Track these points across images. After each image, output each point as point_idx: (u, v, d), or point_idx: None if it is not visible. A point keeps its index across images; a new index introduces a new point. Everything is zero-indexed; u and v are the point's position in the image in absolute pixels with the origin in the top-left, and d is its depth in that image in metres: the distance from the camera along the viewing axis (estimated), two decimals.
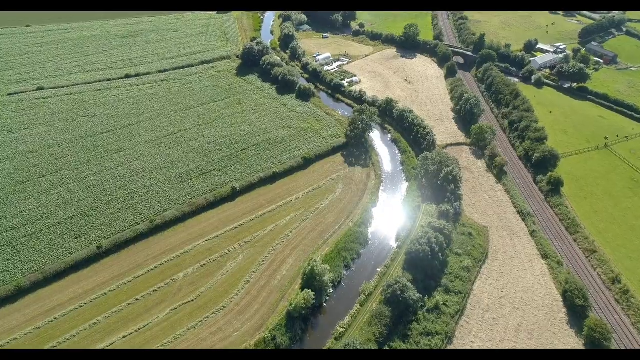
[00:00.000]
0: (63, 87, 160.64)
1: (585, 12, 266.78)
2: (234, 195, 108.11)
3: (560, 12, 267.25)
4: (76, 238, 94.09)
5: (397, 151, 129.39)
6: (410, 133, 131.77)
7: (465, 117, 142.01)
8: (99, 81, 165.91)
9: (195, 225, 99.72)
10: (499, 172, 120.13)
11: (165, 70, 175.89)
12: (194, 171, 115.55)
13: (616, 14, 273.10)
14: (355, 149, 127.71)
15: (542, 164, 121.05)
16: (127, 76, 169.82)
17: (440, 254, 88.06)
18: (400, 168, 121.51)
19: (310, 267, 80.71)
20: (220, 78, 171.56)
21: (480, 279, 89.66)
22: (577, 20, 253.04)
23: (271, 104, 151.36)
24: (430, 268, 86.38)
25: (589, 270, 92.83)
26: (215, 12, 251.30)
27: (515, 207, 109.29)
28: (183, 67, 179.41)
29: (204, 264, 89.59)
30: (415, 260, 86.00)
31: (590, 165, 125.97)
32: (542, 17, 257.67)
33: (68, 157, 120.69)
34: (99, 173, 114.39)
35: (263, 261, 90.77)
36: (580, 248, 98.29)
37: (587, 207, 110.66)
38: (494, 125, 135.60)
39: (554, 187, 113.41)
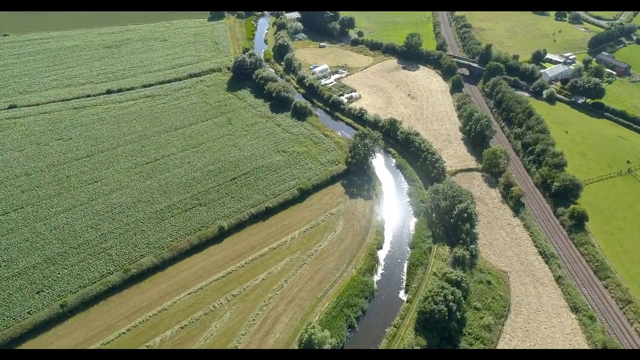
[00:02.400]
0: (38, 104, 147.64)
1: (592, 19, 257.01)
2: (221, 235, 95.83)
3: (566, 19, 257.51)
4: (37, 293, 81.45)
5: (403, 179, 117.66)
6: (416, 158, 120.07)
7: (475, 138, 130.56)
8: (78, 98, 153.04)
9: (176, 274, 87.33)
10: (515, 203, 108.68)
11: (150, 85, 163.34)
12: (177, 206, 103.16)
13: (623, 18, 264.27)
14: (356, 177, 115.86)
15: (562, 194, 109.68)
16: (109, 92, 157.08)
17: (457, 312, 76.41)
18: (407, 200, 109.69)
19: (307, 335, 68.77)
20: (210, 93, 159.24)
21: (503, 340, 77.97)
22: (585, 28, 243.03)
23: (264, 124, 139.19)
24: (447, 329, 74.72)
25: (625, 326, 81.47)
26: (206, 19, 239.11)
27: (536, 247, 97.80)
28: (170, 81, 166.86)
29: (185, 325, 77.28)
30: (430, 321, 74.27)
31: (615, 194, 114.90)
32: (548, 25, 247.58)
33: (36, 190, 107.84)
34: (69, 209, 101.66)
35: (253, 320, 78.61)
36: (612, 297, 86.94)
37: (616, 245, 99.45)
38: (507, 149, 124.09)
39: (578, 222, 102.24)
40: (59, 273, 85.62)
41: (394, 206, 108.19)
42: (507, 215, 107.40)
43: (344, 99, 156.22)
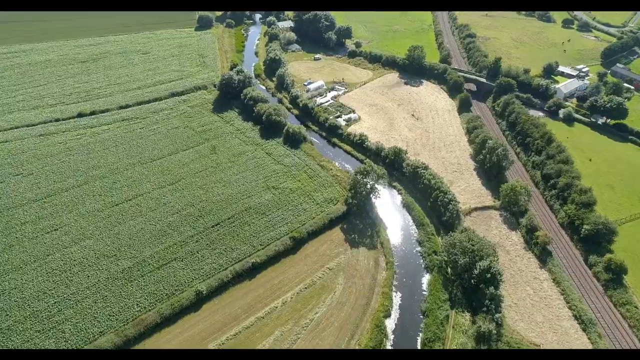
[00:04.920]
0: None
1: (601, 26, 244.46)
2: (198, 301, 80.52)
3: (574, 26, 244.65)
4: None
5: (411, 221, 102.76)
6: (426, 196, 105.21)
7: (491, 169, 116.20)
8: (45, 122, 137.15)
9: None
10: (541, 251, 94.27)
11: (127, 106, 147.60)
12: (148, 262, 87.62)
13: (632, 25, 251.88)
14: (357, 219, 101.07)
15: (593, 239, 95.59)
16: (80, 115, 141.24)
17: None
18: (417, 249, 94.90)
19: None
20: (193, 116, 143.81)
21: None
22: (595, 37, 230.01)
23: (253, 153, 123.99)
24: None
25: None
26: (193, 29, 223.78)
27: (570, 309, 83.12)
28: (149, 102, 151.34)
29: None
30: None
31: None
32: (556, 33, 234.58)
33: None
34: (20, 267, 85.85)
35: None
36: None
37: None
38: (527, 184, 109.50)
39: (615, 276, 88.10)
40: None
41: (402, 257, 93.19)
42: (532, 266, 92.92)
43: (341, 121, 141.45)
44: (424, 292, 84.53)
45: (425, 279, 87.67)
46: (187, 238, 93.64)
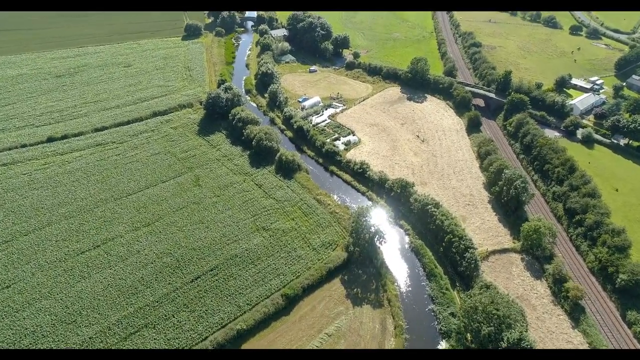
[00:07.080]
0: None
1: (610, 33, 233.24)
2: None
3: (582, 33, 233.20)
4: None
5: (422, 271, 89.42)
6: (438, 239, 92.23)
7: (508, 203, 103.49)
8: (10, 149, 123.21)
9: None
10: (573, 307, 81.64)
11: (103, 128, 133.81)
12: (114, 330, 73.85)
13: None
14: (360, 268, 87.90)
15: (631, 291, 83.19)
16: (50, 139, 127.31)
17: None
18: (431, 307, 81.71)
19: None
20: (176, 139, 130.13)
21: None
22: (606, 45, 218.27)
23: (241, 185, 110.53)
24: None
25: None
26: (180, 38, 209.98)
27: None
28: (129, 122, 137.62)
29: None
30: None
31: None
32: (564, 40, 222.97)
33: None
34: None
35: None
36: None
37: None
38: (552, 225, 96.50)
39: None
40: None
41: (414, 318, 79.67)
42: (563, 325, 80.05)
43: (340, 144, 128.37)
44: None
45: (441, 347, 74.61)
46: (162, 297, 79.94)
